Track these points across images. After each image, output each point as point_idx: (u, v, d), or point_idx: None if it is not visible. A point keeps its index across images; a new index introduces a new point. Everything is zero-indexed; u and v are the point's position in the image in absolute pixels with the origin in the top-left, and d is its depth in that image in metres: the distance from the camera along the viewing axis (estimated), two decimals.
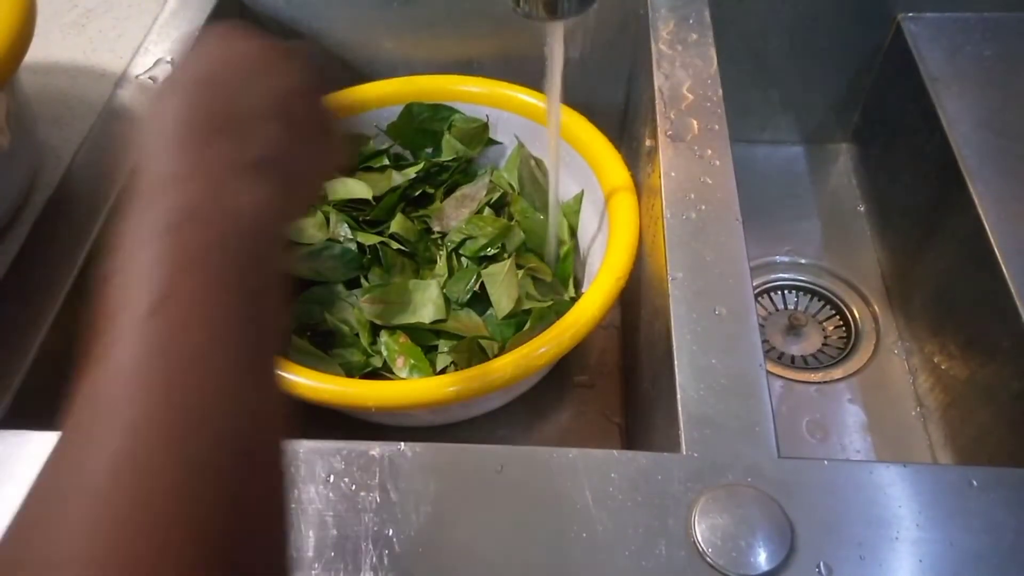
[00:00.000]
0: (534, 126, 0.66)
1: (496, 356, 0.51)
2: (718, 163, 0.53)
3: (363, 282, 0.62)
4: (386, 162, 0.68)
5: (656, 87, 0.58)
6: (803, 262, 0.74)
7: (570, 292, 0.62)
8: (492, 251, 0.62)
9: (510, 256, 0.61)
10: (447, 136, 0.68)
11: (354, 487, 0.38)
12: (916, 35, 0.67)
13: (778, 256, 0.74)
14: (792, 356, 0.69)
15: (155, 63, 0.63)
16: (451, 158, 0.68)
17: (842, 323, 0.71)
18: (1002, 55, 0.64)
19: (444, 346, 0.59)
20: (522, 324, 0.58)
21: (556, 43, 0.48)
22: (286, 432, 0.24)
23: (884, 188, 0.74)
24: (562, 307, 0.57)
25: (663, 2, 0.65)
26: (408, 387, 0.49)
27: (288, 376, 0.49)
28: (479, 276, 0.60)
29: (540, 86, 0.52)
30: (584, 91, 0.75)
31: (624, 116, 0.76)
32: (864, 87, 0.76)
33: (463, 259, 0.63)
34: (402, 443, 0.40)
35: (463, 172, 0.69)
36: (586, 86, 0.76)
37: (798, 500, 0.37)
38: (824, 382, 0.66)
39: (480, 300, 0.60)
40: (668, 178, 0.52)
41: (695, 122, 0.55)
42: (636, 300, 0.60)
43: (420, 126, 0.68)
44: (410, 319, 0.59)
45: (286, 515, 0.23)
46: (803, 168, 0.81)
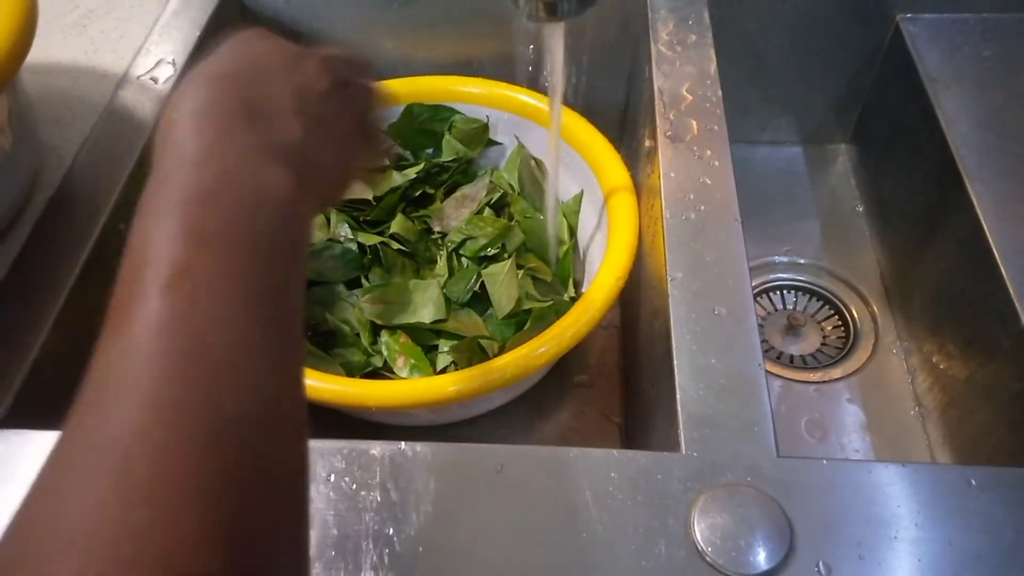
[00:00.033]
0: (534, 126, 0.66)
1: (496, 356, 0.51)
2: (717, 163, 0.53)
3: (363, 282, 0.62)
4: (386, 162, 0.68)
5: (656, 87, 0.58)
6: (802, 262, 0.74)
7: (570, 292, 0.62)
8: (492, 251, 0.62)
9: (510, 256, 0.61)
10: (447, 137, 0.68)
11: (355, 486, 0.39)
12: (915, 36, 0.67)
13: (777, 256, 0.74)
14: (791, 356, 0.69)
15: (156, 64, 0.63)
16: (451, 158, 0.68)
17: (841, 323, 0.71)
18: (1001, 55, 0.65)
19: (444, 346, 0.59)
20: (522, 324, 0.58)
21: (556, 43, 0.48)
22: (304, 412, 0.24)
23: (883, 188, 0.74)
24: (562, 307, 0.57)
25: (663, 3, 0.65)
26: (408, 387, 0.50)
27: None
28: (479, 276, 0.60)
29: (540, 86, 0.52)
30: (584, 91, 0.76)
31: (624, 116, 0.77)
32: (863, 87, 0.76)
33: (463, 259, 0.64)
34: (403, 443, 0.40)
35: (463, 172, 0.69)
36: (586, 86, 0.76)
37: (797, 500, 0.37)
38: (823, 382, 0.66)
39: (480, 300, 0.60)
40: (668, 178, 0.52)
41: (694, 123, 0.56)
42: (636, 300, 0.60)
43: (420, 127, 0.68)
44: (410, 319, 0.59)
45: (306, 497, 0.23)
46: (802, 168, 0.81)
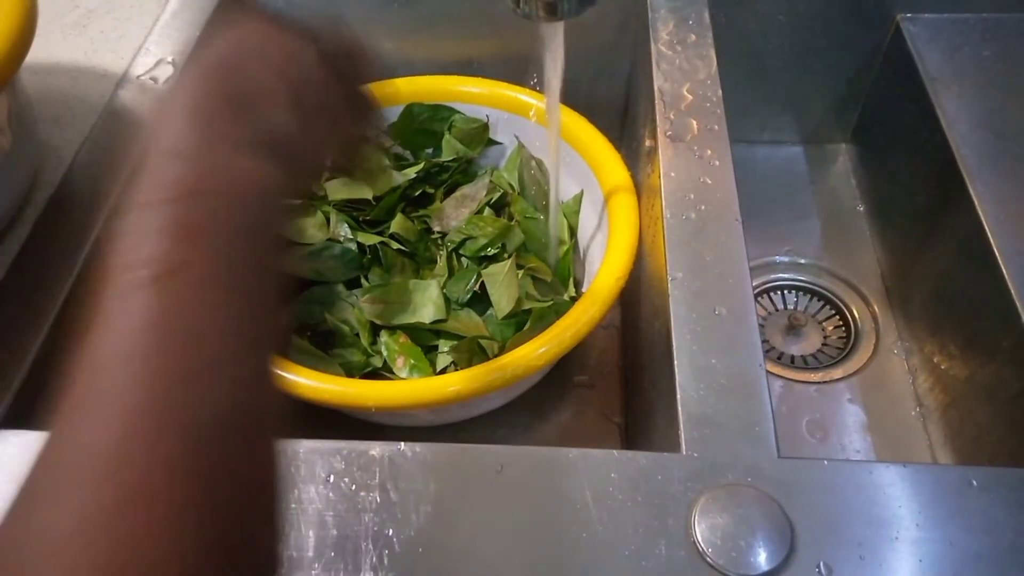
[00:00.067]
0: (534, 126, 0.66)
1: (496, 356, 0.51)
2: (718, 163, 0.53)
3: (363, 282, 0.62)
4: (386, 162, 0.68)
5: (656, 87, 0.58)
6: (803, 262, 0.74)
7: (570, 292, 0.62)
8: (492, 251, 0.62)
9: (510, 256, 0.61)
10: (447, 136, 0.68)
11: (354, 487, 0.38)
12: (915, 35, 0.67)
13: (778, 256, 0.74)
14: (792, 356, 0.69)
15: (156, 63, 0.63)
16: (451, 158, 0.68)
17: (842, 323, 0.71)
18: (1001, 55, 0.64)
19: (444, 346, 0.59)
20: (522, 324, 0.58)
21: (556, 43, 0.48)
22: (282, 410, 0.25)
23: (883, 188, 0.74)
24: (562, 307, 0.57)
25: (663, 3, 0.65)
26: (408, 387, 0.49)
27: (288, 376, 0.49)
28: (479, 276, 0.60)
29: (540, 86, 0.52)
30: (584, 91, 0.76)
31: (624, 116, 0.76)
32: (863, 87, 0.76)
33: (463, 259, 0.63)
34: (402, 443, 0.40)
35: (463, 172, 0.69)
36: (586, 86, 0.76)
37: (798, 500, 0.37)
38: (824, 382, 0.66)
39: (480, 300, 0.60)
40: (668, 178, 0.52)
41: (695, 122, 0.55)
42: (636, 300, 0.60)
43: (420, 126, 0.68)
44: (410, 319, 0.59)
45: (278, 494, 0.23)
46: (803, 168, 0.81)
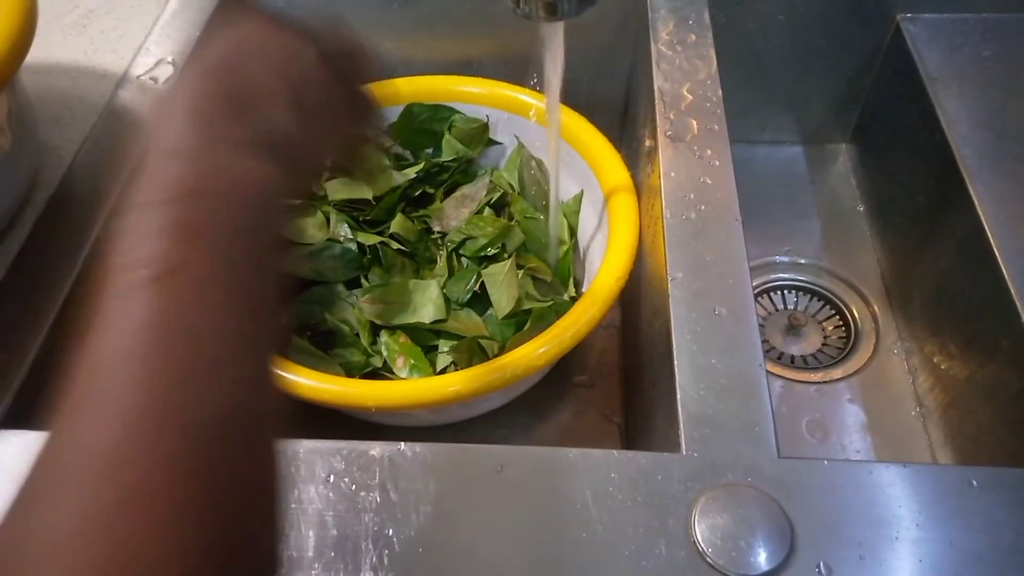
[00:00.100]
0: (534, 126, 0.66)
1: (496, 356, 0.51)
2: (718, 163, 0.53)
3: (363, 282, 0.62)
4: (386, 162, 0.68)
5: (656, 87, 0.58)
6: (803, 262, 0.74)
7: (570, 292, 0.62)
8: (492, 251, 0.62)
9: (510, 256, 0.61)
10: (447, 136, 0.68)
11: (354, 487, 0.38)
12: (915, 35, 0.67)
13: (778, 256, 0.74)
14: (792, 356, 0.69)
15: (156, 64, 0.63)
16: (451, 158, 0.68)
17: (842, 323, 0.71)
18: (1001, 55, 0.64)
19: (444, 346, 0.59)
20: (522, 324, 0.58)
21: (556, 43, 0.48)
22: (282, 410, 0.25)
23: (883, 188, 0.74)
24: (562, 307, 0.57)
25: (663, 3, 0.65)
26: (408, 387, 0.49)
27: (288, 376, 0.49)
28: (479, 276, 0.60)
29: (540, 86, 0.52)
30: (584, 91, 0.76)
31: (624, 116, 0.76)
32: (863, 87, 0.76)
33: (463, 259, 0.63)
34: (402, 443, 0.40)
35: (463, 172, 0.69)
36: (586, 86, 0.76)
37: (798, 500, 0.37)
38: (824, 382, 0.66)
39: (480, 300, 0.60)
40: (668, 178, 0.52)
41: (695, 122, 0.55)
42: (636, 300, 0.60)
43: (420, 126, 0.68)
44: (410, 319, 0.59)
45: (278, 494, 0.23)
46: (803, 168, 0.81)
